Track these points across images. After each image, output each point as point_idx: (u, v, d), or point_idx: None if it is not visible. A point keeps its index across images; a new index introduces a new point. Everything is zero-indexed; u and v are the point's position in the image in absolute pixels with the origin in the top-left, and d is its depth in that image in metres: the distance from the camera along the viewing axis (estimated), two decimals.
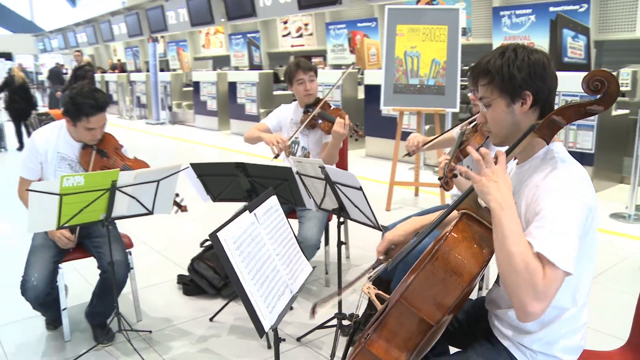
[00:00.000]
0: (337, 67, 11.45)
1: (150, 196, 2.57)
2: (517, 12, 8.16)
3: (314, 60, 16.20)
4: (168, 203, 2.66)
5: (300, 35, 12.81)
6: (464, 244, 1.51)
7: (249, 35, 13.42)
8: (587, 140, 5.68)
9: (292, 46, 13.12)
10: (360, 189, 2.29)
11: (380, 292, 1.83)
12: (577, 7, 7.43)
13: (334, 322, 2.87)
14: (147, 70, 14.95)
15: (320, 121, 3.41)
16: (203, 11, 12.08)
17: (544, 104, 1.49)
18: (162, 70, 13.52)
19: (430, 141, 2.87)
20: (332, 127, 3.25)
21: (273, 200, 2.01)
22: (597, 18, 7.43)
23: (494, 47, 8.48)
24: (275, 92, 11.16)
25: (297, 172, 2.66)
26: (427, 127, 7.25)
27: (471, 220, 1.56)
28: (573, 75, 5.47)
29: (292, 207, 3.47)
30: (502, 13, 8.32)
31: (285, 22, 12.95)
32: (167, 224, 4.80)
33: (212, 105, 11.90)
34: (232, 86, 11.19)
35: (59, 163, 2.79)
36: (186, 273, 3.64)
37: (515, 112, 1.49)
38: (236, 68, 13.56)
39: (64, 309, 2.84)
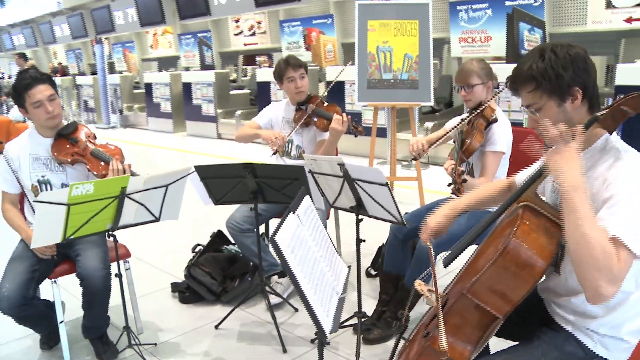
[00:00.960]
0: None
1: (158, 202, 2.43)
2: (474, 6, 8.29)
3: (258, 59, 16.06)
4: (176, 209, 2.53)
5: (253, 34, 12.63)
6: (533, 236, 1.50)
7: (199, 34, 13.13)
8: None
9: (245, 45, 12.92)
10: (387, 184, 2.24)
11: (431, 289, 1.79)
12: (532, 1, 7.62)
13: (348, 322, 2.82)
14: (92, 73, 14.42)
15: (315, 118, 3.33)
16: (153, 10, 11.73)
17: (591, 96, 1.50)
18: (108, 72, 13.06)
19: (435, 142, 2.84)
20: (327, 124, 3.19)
21: (308, 200, 1.93)
22: (551, 12, 7.65)
23: (452, 41, 8.63)
24: (232, 92, 10.97)
25: (310, 171, 2.58)
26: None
27: (534, 213, 1.55)
28: None
29: (287, 206, 3.39)
30: (459, 7, 8.44)
31: (237, 21, 12.73)
32: (151, 231, 4.59)
33: (166, 107, 11.57)
34: (187, 87, 10.91)
35: (33, 164, 2.66)
36: (178, 280, 3.50)
37: (567, 109, 1.49)
38: (186, 69, 13.25)
39: (60, 322, 2.64)
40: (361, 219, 2.57)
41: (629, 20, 7.08)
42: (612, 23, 7.23)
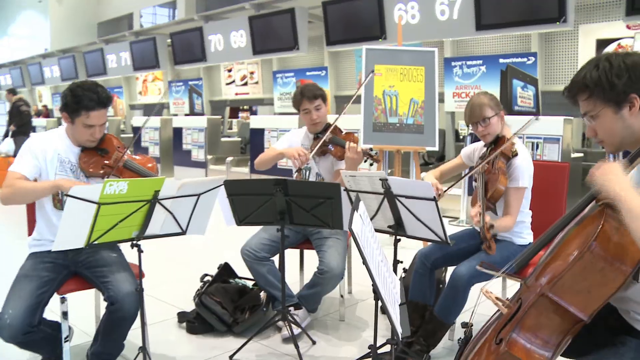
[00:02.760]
0: (283, 114, 11.40)
1: (187, 213, 2.29)
2: (468, 62, 8.49)
3: (241, 114, 16.11)
4: (204, 222, 2.38)
5: (245, 84, 12.74)
6: (621, 230, 1.42)
7: (190, 82, 13.19)
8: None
9: (237, 94, 13.00)
10: (434, 199, 2.14)
11: (498, 296, 1.67)
12: (525, 59, 7.83)
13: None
14: None
15: (331, 147, 3.25)
16: (148, 55, 11.77)
17: None
18: None
19: (451, 186, 2.77)
20: (344, 152, 3.11)
21: (363, 205, 1.83)
22: (543, 70, 7.87)
23: (446, 96, 8.77)
24: (222, 139, 10.92)
25: (346, 189, 2.48)
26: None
27: (615, 210, 1.47)
28: (524, 119, 5.68)
29: (306, 236, 3.27)
30: (453, 63, 8.63)
31: (230, 70, 12.86)
32: (150, 261, 4.40)
33: (154, 151, 11.42)
34: (178, 132, 10.83)
35: (60, 167, 2.49)
36: (184, 310, 3.30)
37: (625, 116, 1.50)
38: (175, 115, 13.21)
39: (65, 340, 2.42)
40: (399, 240, 2.45)
41: None
42: None
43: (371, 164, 3.19)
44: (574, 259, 1.42)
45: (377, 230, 2.53)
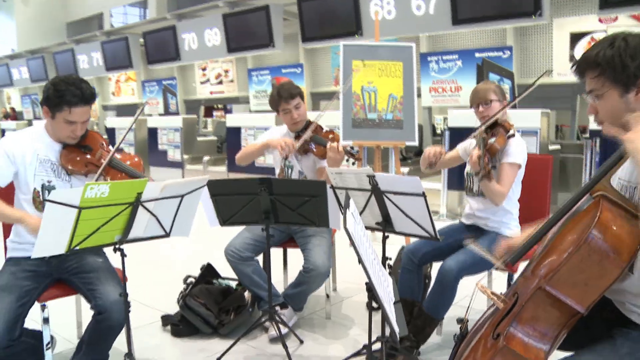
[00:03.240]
0: (259, 112, 11.33)
1: (171, 215, 2.23)
2: (444, 57, 8.54)
3: (215, 113, 15.96)
4: (188, 224, 2.32)
5: (220, 82, 12.62)
6: (617, 222, 1.42)
7: (164, 82, 13.02)
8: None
9: (212, 93, 12.88)
10: (423, 194, 2.12)
11: (494, 291, 1.66)
12: (500, 53, 7.91)
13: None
14: None
15: (313, 146, 3.20)
16: (120, 55, 11.56)
17: None
18: None
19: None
20: (325, 150, 3.07)
21: (353, 204, 1.80)
22: (519, 64, 7.94)
23: (422, 90, 8.80)
24: (198, 139, 10.80)
25: (332, 187, 2.44)
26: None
27: (612, 202, 1.47)
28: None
29: (290, 235, 3.23)
30: (429, 58, 8.67)
31: (204, 69, 12.73)
32: (130, 265, 4.31)
33: (129, 152, 11.24)
34: (153, 132, 10.67)
35: (39, 167, 2.39)
36: (167, 313, 3.24)
37: (630, 100, 1.46)
38: (149, 116, 13.03)
39: (47, 347, 2.35)
40: (387, 237, 2.43)
41: None
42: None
43: (353, 163, 3.15)
44: (571, 252, 1.40)
45: (365, 228, 2.51)
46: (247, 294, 3.27)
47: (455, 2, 6.65)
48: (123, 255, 2.16)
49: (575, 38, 7.34)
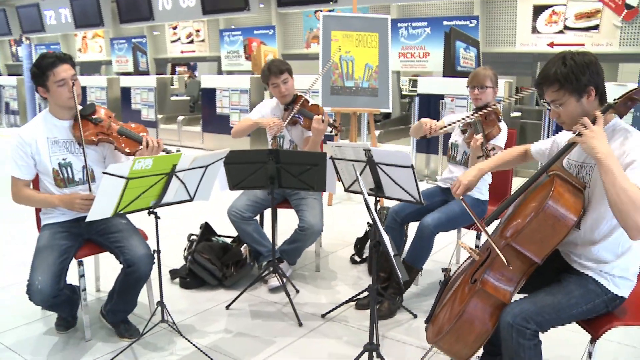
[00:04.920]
0: (230, 72, 11.50)
1: (195, 182, 2.58)
2: (414, 24, 8.88)
3: (178, 69, 15.93)
4: (208, 190, 2.68)
5: (191, 42, 12.66)
6: (567, 195, 1.87)
7: (134, 40, 12.95)
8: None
9: (182, 52, 12.92)
10: (412, 166, 2.54)
11: (471, 247, 2.11)
12: (467, 22, 8.30)
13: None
14: (11, 74, 13.76)
15: (300, 118, 3.54)
16: (90, 12, 11.44)
17: (602, 92, 1.90)
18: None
19: (445, 127, 3.21)
20: (311, 123, 3.42)
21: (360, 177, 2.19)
22: (485, 33, 8.37)
23: (391, 55, 9.14)
24: (172, 98, 10.93)
25: (332, 157, 2.83)
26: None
27: (563, 179, 1.92)
28: (465, 80, 6.17)
29: (284, 197, 3.60)
30: (399, 25, 9.00)
31: (175, 28, 12.71)
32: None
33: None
34: (126, 92, 10.74)
35: (52, 148, 2.67)
36: (176, 267, 3.62)
37: (584, 104, 1.89)
38: (122, 74, 12.99)
39: (84, 301, 2.73)
40: (378, 200, 2.85)
41: (551, 44, 7.91)
42: (537, 46, 8.05)
43: (336, 134, 3.52)
44: (531, 217, 1.85)
45: (358, 192, 2.93)
46: (243, 249, 3.67)
47: None
48: (157, 217, 2.52)
49: (538, 10, 7.80)
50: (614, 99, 1.89)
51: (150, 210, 2.50)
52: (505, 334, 1.83)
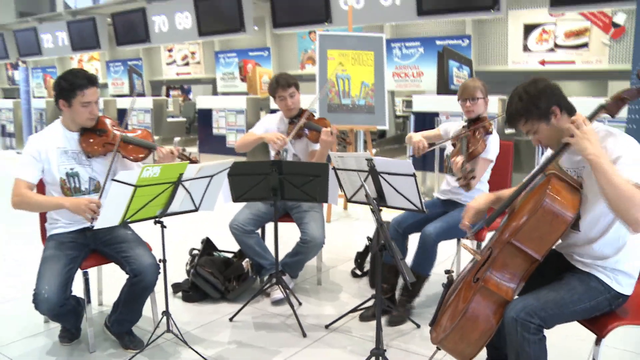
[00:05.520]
0: (225, 94, 11.59)
1: (201, 192, 2.62)
2: (407, 44, 9.02)
3: (172, 92, 16.00)
4: (213, 200, 2.72)
5: (187, 64, 12.77)
6: (564, 192, 1.94)
7: (129, 62, 13.05)
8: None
9: (178, 74, 13.01)
10: (413, 175, 2.58)
11: (474, 248, 2.15)
12: (460, 41, 8.44)
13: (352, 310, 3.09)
14: (7, 98, 13.81)
15: (306, 131, 3.59)
16: (87, 35, 11.54)
17: (566, 106, 2.01)
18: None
19: (433, 145, 3.26)
20: (318, 135, 3.46)
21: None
22: (477, 52, 8.50)
23: (386, 75, 9.27)
24: (168, 119, 11.00)
25: (334, 168, 2.87)
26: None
27: (560, 178, 1.98)
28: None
29: (286, 210, 3.64)
30: (393, 45, 9.13)
31: (170, 50, 12.83)
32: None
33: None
34: (122, 113, 10.80)
35: (60, 157, 2.71)
36: (178, 281, 3.63)
37: (554, 124, 2.00)
38: (118, 97, 13.06)
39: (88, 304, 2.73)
40: (381, 209, 2.88)
41: (542, 62, 8.05)
42: (529, 64, 8.18)
43: (344, 147, 3.56)
44: (530, 214, 1.91)
45: (361, 202, 2.97)
46: (245, 264, 3.68)
47: None
48: (163, 226, 2.55)
49: (529, 29, 7.94)
50: (606, 100, 1.96)
51: (157, 219, 2.53)
52: (510, 329, 1.87)
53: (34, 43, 12.81)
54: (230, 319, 3.17)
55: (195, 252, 3.75)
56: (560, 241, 2.07)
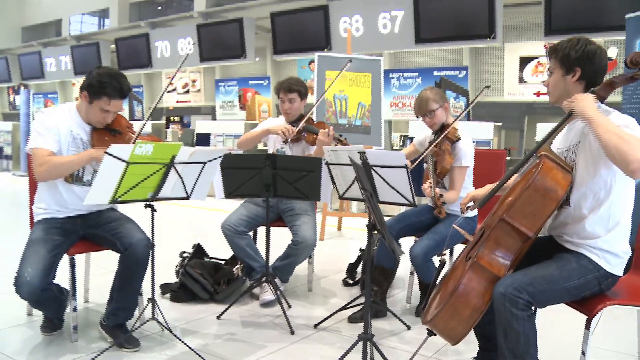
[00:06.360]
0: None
1: (193, 180, 2.61)
2: (405, 74, 9.16)
3: (172, 126, 16.08)
4: (205, 189, 2.71)
5: (187, 92, 12.92)
6: (554, 171, 1.95)
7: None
8: None
9: (178, 102, 13.15)
10: (406, 167, 2.58)
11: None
12: (457, 72, 8.58)
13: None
14: (5, 120, 13.90)
15: (304, 134, 3.62)
16: (90, 59, 11.72)
17: (588, 80, 2.01)
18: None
19: (413, 162, 3.24)
20: (315, 138, 3.50)
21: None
22: (474, 83, 8.64)
23: (383, 105, 9.37)
24: None
25: (327, 162, 2.88)
26: None
27: (551, 159, 1.98)
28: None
29: (279, 214, 3.62)
30: (391, 75, 9.28)
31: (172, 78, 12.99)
32: None
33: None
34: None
35: (72, 143, 2.65)
36: (169, 282, 3.58)
37: (567, 81, 2.02)
38: None
39: (73, 296, 2.68)
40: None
41: (538, 94, 8.17)
42: (524, 95, 8.31)
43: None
44: (522, 191, 1.91)
45: (353, 199, 2.97)
46: (235, 269, 3.64)
47: (418, 23, 7.26)
48: (153, 210, 2.53)
49: (524, 61, 8.10)
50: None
51: (147, 203, 2.52)
52: (498, 305, 1.84)
53: (38, 66, 12.99)
54: (218, 317, 3.12)
55: (185, 254, 3.72)
56: (550, 221, 2.07)
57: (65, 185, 2.68)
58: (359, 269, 4.01)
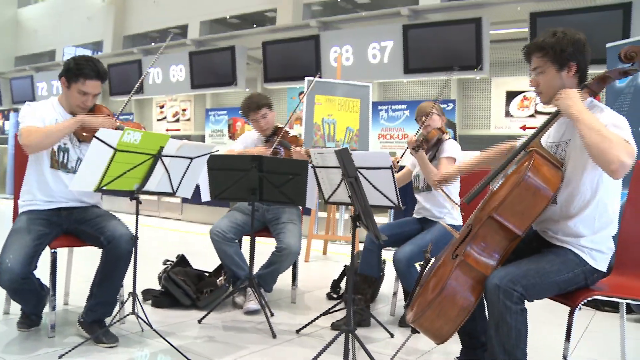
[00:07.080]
0: None
1: (179, 175, 2.62)
2: (393, 107, 9.29)
3: None
4: (191, 186, 2.71)
5: (177, 120, 12.97)
6: (545, 167, 1.96)
7: (121, 117, 13.21)
8: None
9: (167, 130, 13.17)
10: (391, 167, 2.61)
11: (451, 229, 2.14)
12: (445, 105, 8.71)
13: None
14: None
15: (281, 149, 3.66)
16: None
17: (582, 73, 2.03)
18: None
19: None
20: (291, 153, 3.55)
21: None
22: (461, 116, 8.78)
23: (371, 136, 9.49)
24: None
25: (313, 166, 2.90)
26: None
27: (541, 155, 2.00)
28: None
29: (265, 224, 3.62)
30: (379, 107, 9.41)
31: (162, 107, 13.07)
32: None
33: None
34: None
35: None
36: (152, 288, 3.53)
37: (563, 77, 2.01)
38: None
39: (52, 295, 2.63)
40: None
41: (524, 127, 8.32)
42: (511, 129, 8.44)
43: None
44: (512, 188, 1.91)
45: (338, 203, 2.98)
46: (219, 281, 3.61)
47: (407, 54, 7.42)
48: (138, 202, 2.53)
49: (510, 96, 8.26)
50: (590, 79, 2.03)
51: (133, 196, 2.51)
52: (492, 297, 1.82)
53: (29, 90, 12.99)
54: (199, 321, 3.08)
55: (169, 262, 3.69)
56: None
57: (52, 171, 2.68)
58: (342, 284, 3.99)
